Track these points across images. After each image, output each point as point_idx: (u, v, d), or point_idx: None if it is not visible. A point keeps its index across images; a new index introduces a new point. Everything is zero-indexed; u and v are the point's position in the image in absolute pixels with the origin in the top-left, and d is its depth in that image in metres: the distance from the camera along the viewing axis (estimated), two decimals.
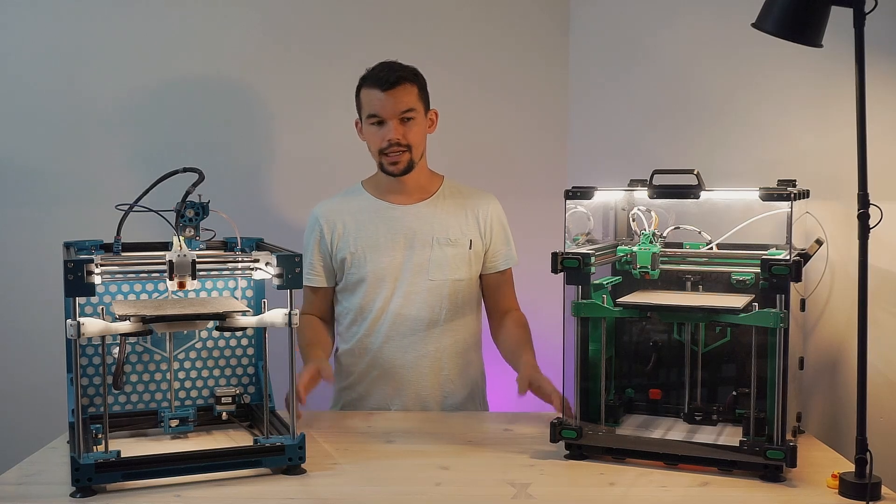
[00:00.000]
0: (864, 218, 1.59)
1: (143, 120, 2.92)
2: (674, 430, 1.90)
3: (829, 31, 1.70)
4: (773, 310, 1.70)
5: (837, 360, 2.01)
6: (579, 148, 3.10)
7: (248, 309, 1.80)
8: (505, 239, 2.40)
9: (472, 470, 1.78)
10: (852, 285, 1.67)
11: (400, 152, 2.24)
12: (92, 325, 1.64)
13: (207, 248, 1.98)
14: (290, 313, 1.73)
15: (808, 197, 1.88)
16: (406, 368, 2.31)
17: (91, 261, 1.60)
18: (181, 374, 2.00)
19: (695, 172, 1.81)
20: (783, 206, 1.71)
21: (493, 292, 2.41)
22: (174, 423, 1.92)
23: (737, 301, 1.81)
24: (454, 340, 2.34)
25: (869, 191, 1.59)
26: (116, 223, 1.80)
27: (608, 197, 2.04)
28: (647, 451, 1.79)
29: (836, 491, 1.62)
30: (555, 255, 1.81)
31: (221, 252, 2.02)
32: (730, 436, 1.84)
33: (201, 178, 1.80)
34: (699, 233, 1.94)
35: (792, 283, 1.70)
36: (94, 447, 1.74)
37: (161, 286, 1.97)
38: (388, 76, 2.21)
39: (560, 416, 1.87)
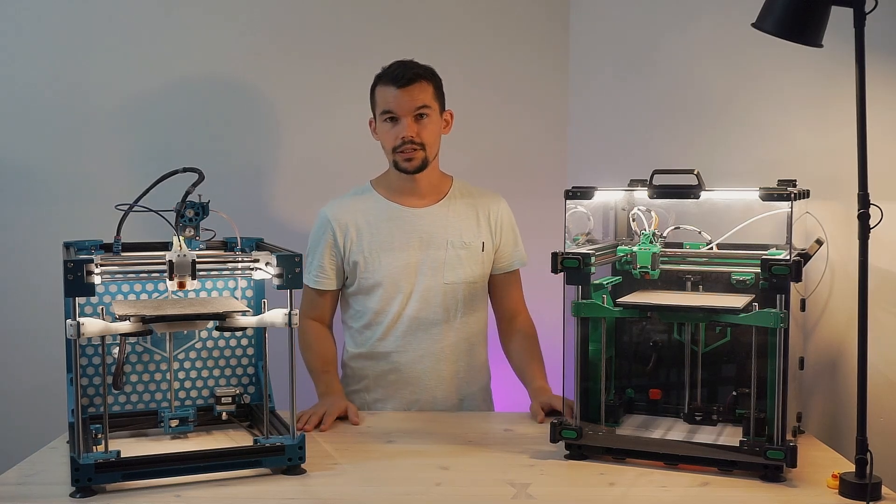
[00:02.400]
0: (864, 218, 1.59)
1: (144, 120, 2.92)
2: (674, 430, 1.90)
3: (829, 31, 1.69)
4: (773, 310, 1.70)
5: (837, 360, 2.00)
6: (579, 148, 3.10)
7: (248, 309, 1.80)
8: (514, 239, 2.40)
9: (472, 470, 1.78)
10: (852, 285, 1.66)
11: (414, 149, 2.23)
12: (92, 325, 1.64)
13: (207, 248, 1.98)
14: (290, 313, 1.73)
15: (808, 197, 1.88)
16: (422, 370, 2.31)
17: (91, 261, 1.60)
18: (181, 374, 2.00)
19: (695, 172, 1.81)
20: (783, 206, 1.71)
21: (501, 292, 2.41)
22: (174, 423, 1.92)
23: (737, 301, 1.81)
24: (466, 338, 2.34)
25: (869, 191, 1.59)
26: (116, 223, 1.80)
27: (608, 197, 2.04)
28: (647, 451, 1.79)
29: (837, 491, 1.62)
30: (555, 255, 1.81)
31: (221, 252, 2.02)
32: (730, 436, 1.84)
33: (201, 178, 1.80)
34: (699, 233, 1.94)
35: (792, 283, 1.70)
36: (94, 447, 1.74)
37: (161, 286, 1.97)
38: (404, 73, 2.20)
39: (561, 415, 1.87)
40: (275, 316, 1.76)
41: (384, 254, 2.29)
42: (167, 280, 1.70)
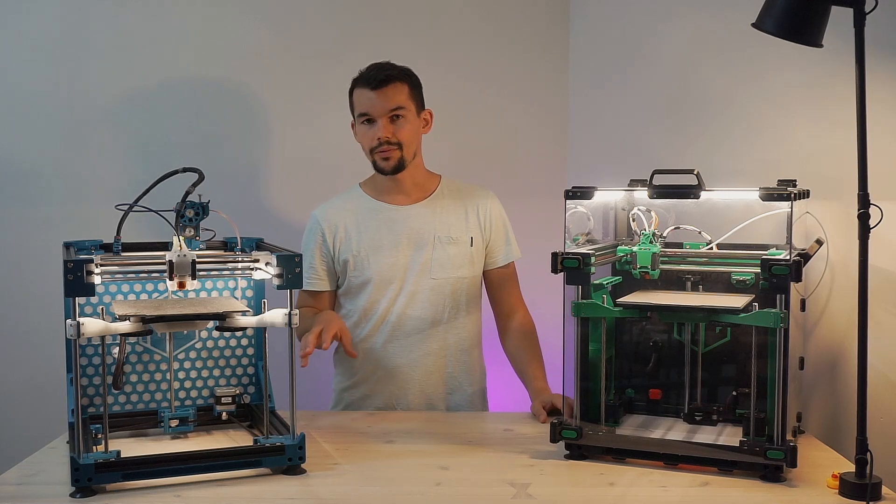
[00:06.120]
0: (864, 218, 1.59)
1: (143, 120, 2.92)
2: (674, 430, 1.90)
3: (829, 31, 1.69)
4: (773, 310, 1.70)
5: (837, 360, 2.01)
6: (579, 148, 3.10)
7: (248, 309, 1.80)
8: (505, 234, 2.40)
9: (472, 470, 1.78)
10: (852, 285, 1.67)
11: (390, 149, 2.24)
12: (92, 325, 1.64)
13: (207, 248, 1.98)
14: (290, 313, 1.73)
15: (808, 197, 1.88)
16: (411, 367, 2.31)
17: (91, 261, 1.60)
18: (181, 374, 2.00)
19: (695, 172, 1.81)
20: (783, 206, 1.71)
21: (497, 289, 2.41)
22: (174, 423, 1.92)
23: (737, 301, 1.81)
24: (458, 338, 2.34)
25: (869, 191, 1.59)
26: (116, 223, 1.80)
27: (608, 197, 2.04)
28: (647, 451, 1.79)
29: (837, 491, 1.62)
30: (555, 255, 1.81)
31: (221, 252, 2.02)
32: (730, 436, 1.84)
33: (201, 178, 1.80)
34: (699, 233, 1.94)
35: (792, 283, 1.70)
36: (94, 447, 1.74)
37: (161, 286, 1.97)
38: (378, 75, 2.23)
39: (562, 416, 1.87)
40: (275, 316, 1.76)
41: (373, 252, 2.30)
42: (167, 280, 1.70)
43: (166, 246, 1.94)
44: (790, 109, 2.16)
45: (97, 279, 1.62)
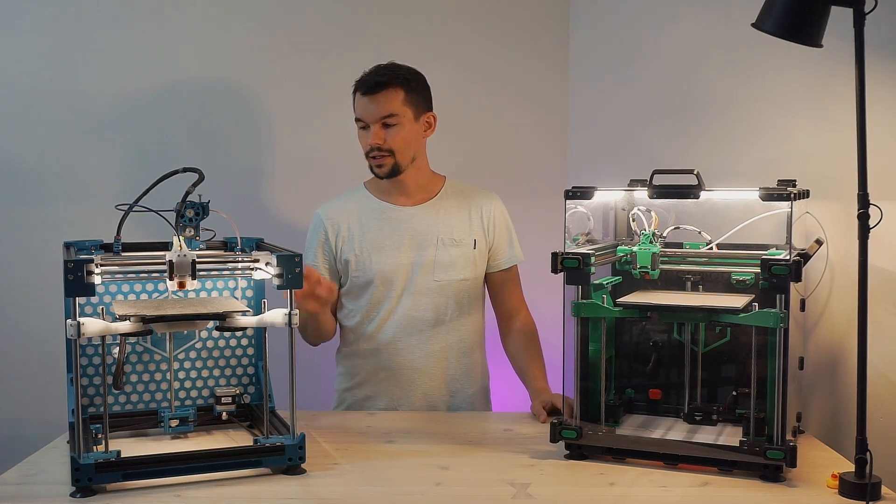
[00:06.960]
0: (864, 218, 1.59)
1: (143, 120, 2.92)
2: (674, 430, 1.90)
3: (829, 31, 1.69)
4: (773, 310, 1.70)
5: (837, 360, 2.01)
6: (579, 148, 3.10)
7: (248, 309, 1.80)
8: (508, 237, 2.40)
9: (472, 470, 1.78)
10: (852, 285, 1.67)
11: (382, 156, 2.24)
12: (92, 325, 1.64)
13: (207, 248, 1.98)
14: (290, 313, 1.73)
15: (808, 197, 1.88)
16: (413, 369, 2.31)
17: (91, 261, 1.60)
18: (181, 374, 2.00)
19: (695, 172, 1.81)
20: (783, 206, 1.71)
21: (499, 291, 2.42)
22: (174, 423, 1.92)
23: (737, 301, 1.81)
24: (460, 339, 2.34)
25: (869, 191, 1.59)
26: (116, 223, 1.80)
27: (608, 197, 2.04)
28: (647, 451, 1.79)
29: (836, 491, 1.62)
30: (555, 255, 1.81)
31: (221, 252, 2.02)
32: (730, 436, 1.84)
33: (201, 178, 1.80)
34: (699, 233, 1.94)
35: (792, 283, 1.70)
36: (94, 447, 1.74)
37: (161, 286, 1.97)
38: (370, 80, 2.23)
39: (562, 416, 1.87)
40: (275, 316, 1.76)
41: (375, 252, 2.30)
42: (167, 280, 1.70)
43: (166, 246, 1.94)
44: (790, 109, 2.16)
45: (97, 279, 1.62)
